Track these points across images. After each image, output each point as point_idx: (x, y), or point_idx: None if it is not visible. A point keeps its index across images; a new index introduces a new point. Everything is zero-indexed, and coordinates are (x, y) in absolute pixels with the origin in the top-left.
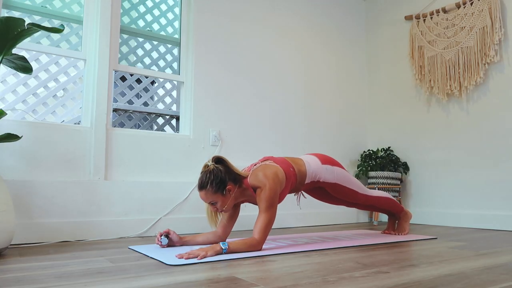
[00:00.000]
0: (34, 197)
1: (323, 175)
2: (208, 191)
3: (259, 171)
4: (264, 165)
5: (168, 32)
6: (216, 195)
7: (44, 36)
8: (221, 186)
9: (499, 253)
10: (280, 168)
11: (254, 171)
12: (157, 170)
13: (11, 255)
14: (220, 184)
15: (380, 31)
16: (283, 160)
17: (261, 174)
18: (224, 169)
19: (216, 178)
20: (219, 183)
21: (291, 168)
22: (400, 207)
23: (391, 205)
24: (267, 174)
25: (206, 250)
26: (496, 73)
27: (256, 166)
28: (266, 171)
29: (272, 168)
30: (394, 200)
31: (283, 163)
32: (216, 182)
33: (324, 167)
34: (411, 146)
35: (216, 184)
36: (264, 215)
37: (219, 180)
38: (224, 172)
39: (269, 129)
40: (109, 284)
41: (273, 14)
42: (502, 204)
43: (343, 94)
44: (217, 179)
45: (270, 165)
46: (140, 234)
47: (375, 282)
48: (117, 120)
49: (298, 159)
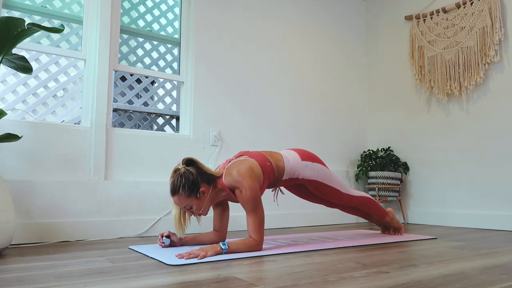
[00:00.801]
0: (34, 197)
1: (302, 172)
2: (181, 195)
3: (233, 169)
4: (238, 161)
5: (168, 32)
6: (189, 199)
7: (44, 36)
8: (194, 189)
9: (499, 253)
10: (255, 162)
11: (228, 170)
12: (157, 170)
13: (11, 255)
14: (192, 187)
15: (380, 31)
16: (259, 154)
17: (235, 173)
18: (195, 171)
19: (188, 181)
20: (192, 186)
21: (268, 162)
22: (383, 211)
23: (374, 207)
24: (242, 172)
25: (206, 250)
26: (496, 73)
27: (230, 163)
28: (240, 168)
29: (246, 164)
30: (376, 203)
31: (259, 157)
32: (188, 186)
33: (304, 164)
34: (411, 146)
35: (188, 187)
36: (253, 215)
37: (191, 183)
38: (195, 174)
39: (269, 129)
40: (109, 284)
41: (273, 14)
42: (502, 204)
43: (343, 94)
44: (189, 182)
45: (244, 161)
46: (140, 234)
47: (375, 282)
48: (117, 120)
49: (276, 153)
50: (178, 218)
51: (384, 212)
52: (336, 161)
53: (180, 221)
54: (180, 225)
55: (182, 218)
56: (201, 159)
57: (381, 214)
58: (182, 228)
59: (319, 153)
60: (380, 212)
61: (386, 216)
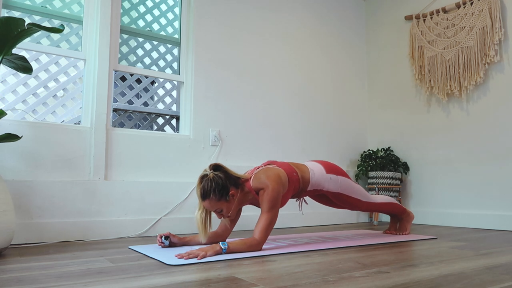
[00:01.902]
0: (34, 197)
1: (327, 185)
2: (212, 199)
3: (262, 174)
4: (267, 168)
5: (168, 32)
6: (220, 202)
7: (44, 36)
8: (224, 192)
9: (499, 253)
10: (283, 171)
11: (257, 174)
12: (157, 170)
13: (11, 255)
14: (222, 191)
15: (380, 31)
16: (287, 165)
17: (263, 176)
18: (223, 175)
19: (218, 186)
20: (222, 190)
21: (295, 173)
22: (403, 208)
23: (394, 208)
24: (270, 175)
25: (206, 250)
26: (496, 73)
27: (258, 170)
28: (269, 173)
29: (275, 171)
30: (397, 204)
31: (286, 166)
32: (219, 190)
33: (329, 177)
34: (411, 146)
35: (219, 191)
36: (266, 215)
37: (221, 187)
38: (224, 178)
39: (269, 129)
40: (109, 284)
41: (273, 14)
42: (502, 204)
43: (343, 94)
44: (219, 186)
45: (272, 168)
46: (140, 234)
47: (375, 282)
48: (117, 120)
49: (302, 165)
50: (203, 223)
51: (403, 209)
52: (336, 161)
53: (205, 226)
54: (205, 230)
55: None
56: (201, 159)
57: (400, 211)
58: (207, 232)
59: (319, 153)
60: (400, 210)
61: (405, 212)
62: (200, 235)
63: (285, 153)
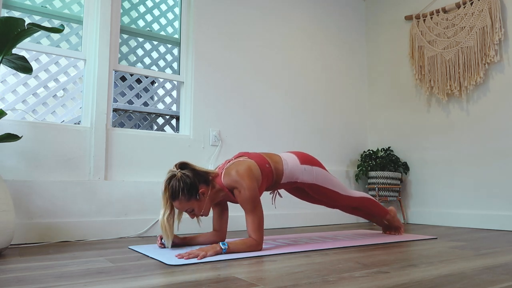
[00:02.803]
0: (34, 197)
1: (301, 176)
2: (182, 200)
3: (232, 169)
4: (237, 162)
5: (168, 32)
6: (190, 202)
7: (44, 36)
8: (194, 191)
9: (499, 253)
10: (254, 163)
11: (227, 170)
12: (157, 170)
13: (11, 255)
14: (192, 190)
15: (380, 31)
16: (259, 155)
17: (234, 173)
18: (191, 173)
19: (186, 185)
20: (191, 189)
21: (267, 164)
22: (384, 210)
23: (374, 207)
24: (240, 172)
25: (206, 250)
26: (496, 73)
27: (229, 164)
28: (239, 168)
29: (245, 164)
30: (376, 202)
31: (258, 158)
32: (188, 189)
33: (303, 167)
34: (411, 146)
35: (187, 190)
36: (252, 215)
37: (189, 186)
38: (192, 177)
39: (269, 128)
40: (109, 284)
41: (273, 14)
42: (502, 204)
43: (343, 94)
44: (187, 186)
45: (243, 161)
46: (140, 234)
47: (375, 282)
48: (117, 120)
49: (275, 155)
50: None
51: (384, 211)
52: (336, 161)
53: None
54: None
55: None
56: (201, 159)
57: (381, 213)
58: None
59: (319, 153)
60: (381, 211)
61: (387, 215)
62: (165, 240)
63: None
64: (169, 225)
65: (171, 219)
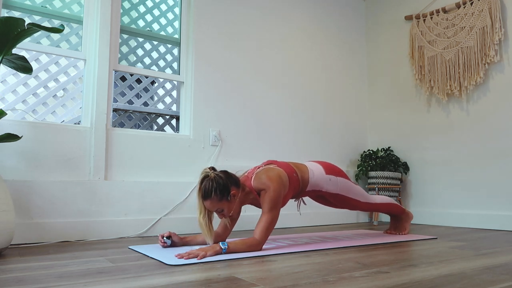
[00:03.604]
0: (34, 197)
1: (326, 186)
2: (214, 199)
3: (262, 174)
4: (267, 168)
5: (168, 32)
6: (221, 202)
7: (44, 36)
8: (225, 192)
9: (499, 253)
10: (284, 171)
11: (258, 174)
12: (157, 170)
13: (11, 255)
14: (224, 191)
15: (380, 31)
16: (287, 165)
17: (264, 177)
18: (224, 175)
19: (219, 185)
20: (223, 190)
21: (295, 173)
22: (402, 208)
23: (393, 208)
24: (271, 176)
25: (206, 250)
26: (496, 73)
27: (259, 169)
28: (269, 173)
29: (275, 171)
30: (395, 204)
31: (286, 167)
32: (220, 189)
33: (328, 178)
34: (411, 146)
35: (220, 191)
36: (267, 216)
37: (222, 186)
38: (225, 178)
39: (269, 129)
40: (109, 284)
41: (273, 14)
42: (502, 204)
43: (343, 94)
44: (220, 186)
45: (273, 168)
46: (140, 234)
47: (375, 282)
48: (117, 120)
49: (302, 165)
50: (207, 226)
51: (402, 209)
52: (336, 161)
53: (210, 228)
54: (210, 232)
55: (210, 224)
56: (201, 159)
57: (399, 211)
58: (213, 233)
59: (319, 153)
60: (399, 210)
61: (403, 213)
62: (206, 238)
63: (285, 153)
64: (206, 223)
65: (207, 218)
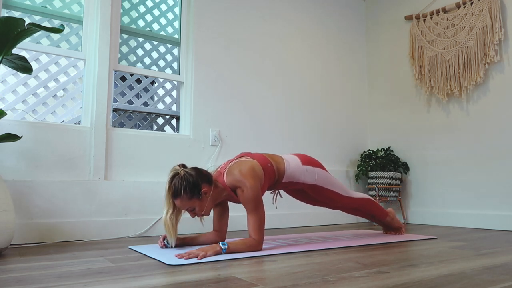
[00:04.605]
0: (34, 197)
1: (303, 177)
2: (184, 198)
3: (235, 169)
4: (240, 162)
5: (168, 32)
6: (192, 200)
7: (44, 36)
8: (196, 190)
9: (499, 253)
10: (257, 162)
11: (230, 169)
12: (157, 170)
13: (11, 255)
14: (194, 189)
15: (380, 31)
16: (261, 155)
17: (237, 173)
18: (195, 172)
19: (189, 183)
20: (193, 188)
21: (269, 163)
22: (384, 211)
23: (375, 208)
24: (244, 171)
25: (206, 250)
26: (496, 73)
27: (231, 164)
28: (242, 167)
29: (248, 164)
30: (376, 204)
31: (260, 158)
32: (190, 187)
33: (305, 168)
34: (411, 146)
35: (190, 189)
36: (254, 215)
37: (192, 184)
38: (195, 175)
39: (269, 128)
40: (109, 284)
41: (273, 14)
42: (502, 204)
43: (343, 94)
44: (190, 184)
45: (245, 161)
46: (140, 234)
47: (375, 282)
48: (117, 120)
49: (277, 156)
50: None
51: (384, 213)
52: (336, 161)
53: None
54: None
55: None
56: (201, 159)
57: (381, 215)
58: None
59: (319, 153)
60: (381, 213)
61: (386, 217)
62: (169, 239)
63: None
64: (172, 224)
65: (174, 218)
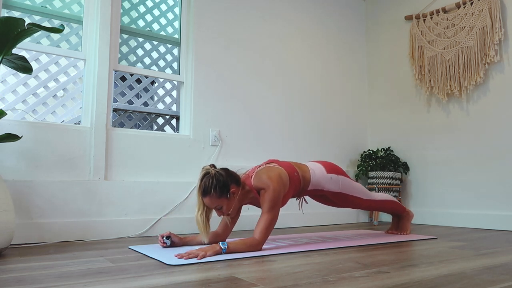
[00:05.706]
0: (34, 197)
1: (327, 185)
2: (213, 196)
3: (263, 173)
4: (268, 167)
5: (168, 32)
6: (221, 199)
7: (44, 36)
8: (225, 189)
9: (499, 253)
10: (284, 171)
11: (258, 173)
12: (157, 170)
13: (11, 255)
14: (223, 188)
15: (380, 31)
16: (288, 164)
17: (264, 176)
18: (225, 172)
19: (219, 182)
20: (223, 187)
21: (295, 172)
22: (403, 207)
23: (394, 207)
24: (271, 175)
25: (206, 250)
26: (496, 73)
27: (260, 168)
28: (270, 173)
29: (276, 170)
30: (396, 202)
31: (287, 166)
32: (220, 186)
33: (329, 176)
34: (411, 146)
35: (219, 188)
36: (267, 215)
37: (222, 184)
38: (225, 175)
39: (269, 129)
40: (109, 284)
41: (273, 14)
42: (502, 204)
43: (343, 94)
44: (220, 183)
45: (274, 167)
46: (140, 234)
47: (375, 282)
48: (117, 120)
49: (303, 165)
50: (204, 223)
51: (403, 208)
52: (336, 161)
53: (206, 226)
54: (206, 230)
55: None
56: (201, 159)
57: (400, 210)
58: (209, 232)
59: (319, 153)
60: (400, 209)
61: (404, 211)
62: (201, 236)
63: (285, 153)
64: (203, 221)
65: (205, 215)
